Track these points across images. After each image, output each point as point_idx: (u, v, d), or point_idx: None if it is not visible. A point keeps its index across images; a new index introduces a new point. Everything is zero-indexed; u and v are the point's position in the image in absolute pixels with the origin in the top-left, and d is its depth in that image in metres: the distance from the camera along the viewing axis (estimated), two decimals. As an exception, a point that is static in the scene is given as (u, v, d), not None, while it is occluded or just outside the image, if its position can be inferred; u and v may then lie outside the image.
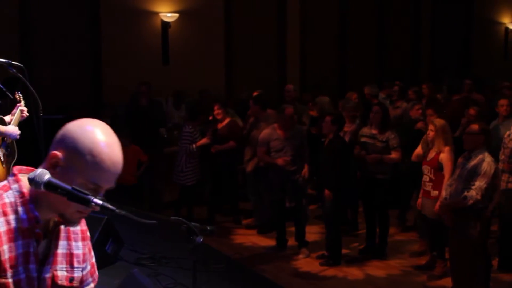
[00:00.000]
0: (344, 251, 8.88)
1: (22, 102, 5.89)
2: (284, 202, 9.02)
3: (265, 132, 9.05)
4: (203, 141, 9.85)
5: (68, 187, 2.18)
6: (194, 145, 9.75)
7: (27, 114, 5.86)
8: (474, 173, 6.78)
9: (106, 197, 2.31)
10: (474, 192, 6.68)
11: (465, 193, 6.73)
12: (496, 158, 7.07)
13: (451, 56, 18.66)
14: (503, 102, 9.42)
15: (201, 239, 2.65)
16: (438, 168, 7.61)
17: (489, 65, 18.82)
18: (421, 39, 18.22)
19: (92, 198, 2.20)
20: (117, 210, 2.24)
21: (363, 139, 8.81)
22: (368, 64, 16.93)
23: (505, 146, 8.14)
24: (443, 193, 7.16)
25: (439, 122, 7.80)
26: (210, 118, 10.27)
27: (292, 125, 8.84)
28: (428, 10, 18.30)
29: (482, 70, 18.25)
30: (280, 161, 8.71)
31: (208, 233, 2.62)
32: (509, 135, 8.15)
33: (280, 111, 9.05)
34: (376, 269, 8.38)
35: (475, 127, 6.96)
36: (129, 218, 2.23)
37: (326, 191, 8.36)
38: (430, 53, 18.40)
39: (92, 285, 2.64)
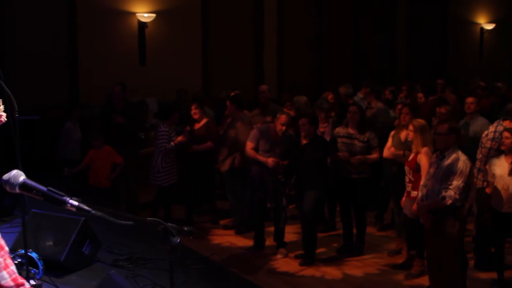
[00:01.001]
0: (321, 250, 8.91)
1: (2, 107, 5.81)
2: (264, 202, 9.03)
3: (258, 129, 9.05)
4: (180, 138, 9.82)
5: (44, 188, 2.17)
6: (171, 143, 9.72)
7: (5, 119, 5.79)
8: (450, 172, 6.82)
9: (82, 199, 2.30)
10: (452, 191, 6.73)
11: (443, 193, 6.77)
12: (468, 156, 7.12)
13: (427, 56, 18.78)
14: (470, 100, 9.53)
15: (178, 240, 2.65)
16: (416, 168, 7.65)
17: (464, 65, 18.98)
18: (397, 40, 18.32)
19: (68, 199, 2.19)
20: (93, 211, 2.23)
21: (340, 139, 8.83)
22: (345, 64, 17.00)
23: (483, 146, 8.21)
24: (419, 194, 7.20)
25: (418, 122, 7.83)
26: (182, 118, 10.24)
27: (283, 131, 8.80)
28: (404, 11, 18.40)
29: (457, 70, 18.40)
30: (270, 161, 8.69)
31: (185, 234, 2.62)
32: (486, 135, 8.21)
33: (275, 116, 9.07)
34: (354, 268, 8.41)
35: (444, 126, 7.01)
36: (105, 219, 2.23)
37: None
38: (406, 54, 18.50)
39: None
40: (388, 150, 8.73)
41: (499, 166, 7.37)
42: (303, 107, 10.87)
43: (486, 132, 8.28)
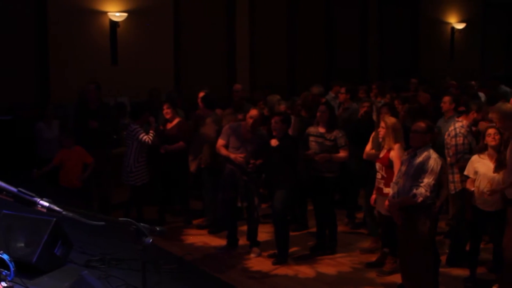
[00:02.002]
0: (294, 249, 8.93)
1: None
2: (236, 201, 9.03)
3: (229, 126, 9.04)
4: (150, 135, 9.76)
5: (14, 189, 2.15)
6: (149, 136, 9.67)
7: None
8: (421, 170, 6.87)
9: (54, 200, 2.29)
10: (423, 189, 6.78)
11: (414, 191, 6.82)
12: (443, 156, 7.18)
13: (399, 56, 18.90)
14: (445, 99, 9.66)
15: (150, 240, 2.64)
16: (389, 165, 7.71)
17: (436, 64, 19.14)
18: (369, 39, 18.41)
19: (39, 200, 2.17)
20: (64, 212, 2.22)
21: (311, 138, 8.85)
22: (317, 63, 17.05)
23: (449, 146, 8.30)
24: (391, 191, 7.25)
25: (389, 120, 7.90)
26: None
27: (254, 128, 8.80)
28: (375, 10, 18.50)
29: (429, 69, 18.55)
30: (238, 158, 8.68)
31: (158, 234, 2.61)
32: (448, 135, 8.32)
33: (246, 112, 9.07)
34: (327, 267, 8.44)
35: (421, 125, 7.06)
36: (76, 219, 2.21)
37: None
38: (378, 53, 18.60)
39: None
40: (369, 152, 8.71)
41: (483, 165, 7.40)
42: (277, 105, 10.90)
43: (447, 132, 8.40)
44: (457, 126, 8.29)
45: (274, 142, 8.61)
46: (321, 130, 8.82)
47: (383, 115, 8.73)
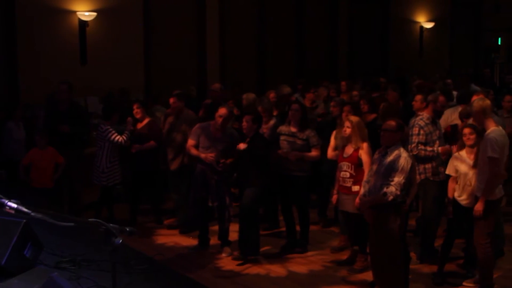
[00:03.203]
0: (266, 248, 8.94)
1: None
2: (207, 201, 9.01)
3: (198, 126, 9.01)
4: (125, 135, 9.72)
5: (-19, 191, 2.14)
6: (123, 136, 9.63)
7: None
8: (391, 169, 6.91)
9: (25, 201, 2.27)
10: (394, 188, 6.82)
11: (385, 189, 6.86)
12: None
13: (369, 55, 19.02)
14: (418, 98, 9.73)
15: (120, 241, 2.63)
16: (358, 164, 7.76)
17: (405, 63, 19.29)
18: (339, 38, 18.50)
19: (6, 201, 2.15)
20: (33, 213, 2.20)
21: (283, 137, 8.86)
22: (287, 62, 17.09)
23: (410, 141, 8.40)
24: (362, 190, 7.29)
25: (354, 118, 7.96)
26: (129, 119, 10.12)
27: (224, 127, 8.78)
28: (345, 10, 18.59)
29: (398, 67, 18.69)
30: (208, 157, 8.65)
31: (128, 234, 2.60)
32: (409, 127, 8.43)
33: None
34: (298, 265, 8.46)
35: (392, 124, 7.10)
36: (45, 221, 2.20)
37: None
38: (348, 52, 18.69)
39: None
40: (332, 151, 8.80)
41: (461, 162, 7.46)
42: (252, 105, 10.88)
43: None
44: (417, 119, 8.43)
45: (242, 146, 8.57)
46: (293, 129, 8.83)
47: (346, 114, 8.80)
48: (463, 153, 7.53)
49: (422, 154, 8.13)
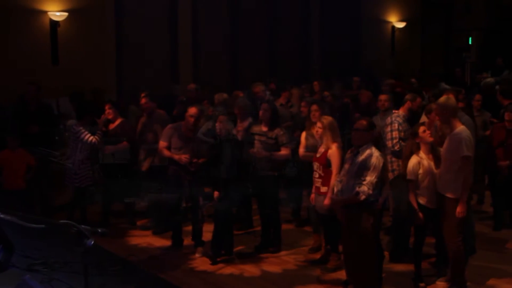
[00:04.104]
0: (239, 247, 8.95)
1: None
2: (180, 201, 9.00)
3: (170, 127, 8.99)
4: (97, 135, 9.66)
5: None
6: (96, 136, 9.57)
7: None
8: (363, 168, 6.94)
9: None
10: (366, 187, 6.85)
11: (357, 189, 6.89)
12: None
13: (341, 54, 19.09)
14: (382, 97, 9.81)
15: (92, 242, 2.62)
16: (326, 164, 7.78)
17: (377, 62, 19.39)
18: (311, 38, 18.55)
19: (-24, 204, 2.14)
20: (2, 215, 2.19)
21: (255, 137, 8.88)
22: (259, 62, 17.10)
23: (384, 135, 8.44)
24: (335, 189, 7.31)
25: (326, 119, 7.98)
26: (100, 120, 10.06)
27: (195, 126, 8.77)
28: (317, 10, 18.64)
29: (371, 67, 18.78)
30: (183, 158, 8.64)
31: (100, 235, 2.59)
32: (385, 124, 8.49)
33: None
34: (272, 265, 8.47)
35: (363, 123, 7.14)
36: (15, 223, 2.19)
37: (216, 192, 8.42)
38: (320, 51, 18.75)
39: None
40: (303, 150, 8.84)
41: (422, 165, 7.49)
42: (227, 104, 10.89)
43: (385, 124, 8.58)
44: (393, 115, 8.50)
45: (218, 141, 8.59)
46: (264, 128, 8.85)
47: (314, 113, 8.83)
48: (422, 154, 7.54)
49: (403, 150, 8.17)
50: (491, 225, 9.83)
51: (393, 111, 8.94)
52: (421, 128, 7.54)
